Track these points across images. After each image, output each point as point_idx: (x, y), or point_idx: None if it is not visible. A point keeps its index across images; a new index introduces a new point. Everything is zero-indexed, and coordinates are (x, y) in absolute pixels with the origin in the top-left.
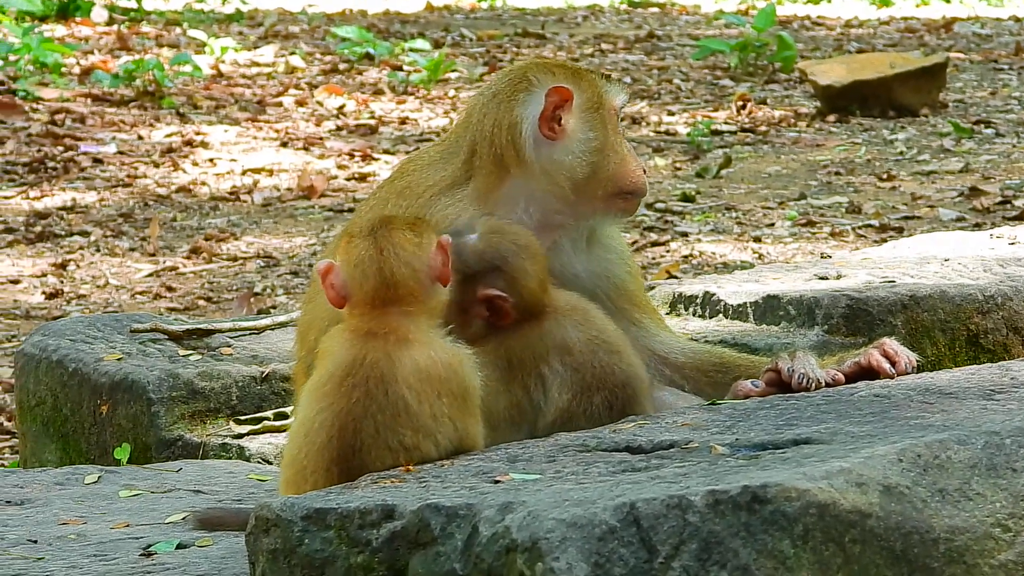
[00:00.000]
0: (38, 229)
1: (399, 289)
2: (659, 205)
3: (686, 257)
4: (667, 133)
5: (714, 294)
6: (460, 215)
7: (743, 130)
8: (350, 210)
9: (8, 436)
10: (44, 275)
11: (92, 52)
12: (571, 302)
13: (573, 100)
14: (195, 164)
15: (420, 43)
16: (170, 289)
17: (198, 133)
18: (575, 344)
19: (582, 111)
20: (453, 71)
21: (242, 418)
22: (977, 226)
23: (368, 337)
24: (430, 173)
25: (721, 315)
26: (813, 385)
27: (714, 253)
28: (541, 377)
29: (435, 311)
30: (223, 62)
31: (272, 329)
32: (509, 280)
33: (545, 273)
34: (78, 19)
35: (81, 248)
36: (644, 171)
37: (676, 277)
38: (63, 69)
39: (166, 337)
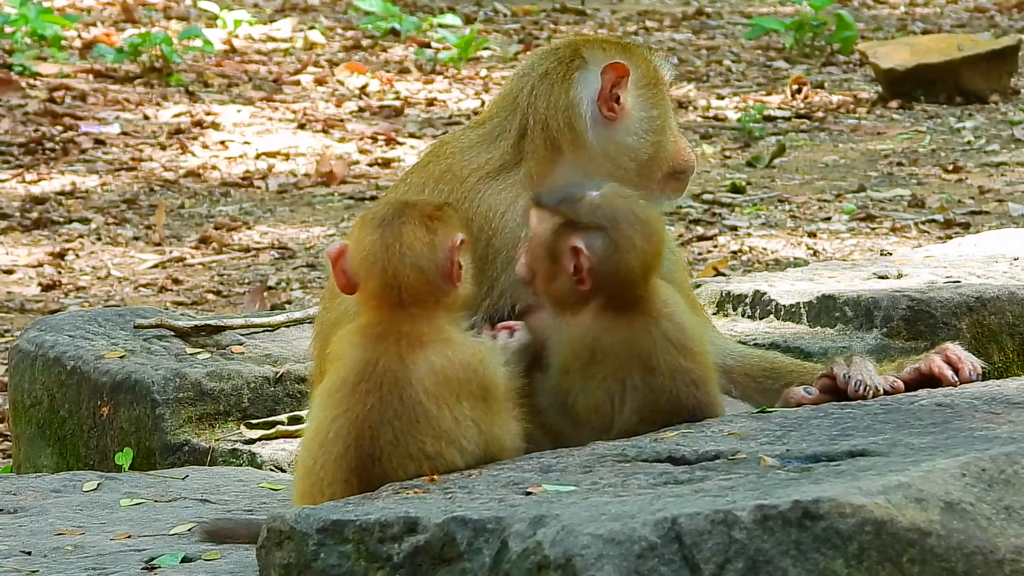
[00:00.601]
0: (34, 215)
1: (404, 292)
2: (706, 196)
3: (735, 253)
4: (716, 118)
5: (765, 293)
6: (514, 202)
7: (798, 116)
8: (372, 198)
9: (0, 439)
10: (41, 265)
11: (95, 24)
12: (670, 310)
13: (629, 77)
14: (205, 147)
15: (450, 18)
16: (177, 282)
17: (209, 113)
18: (659, 366)
19: (639, 88)
20: (485, 49)
21: (254, 422)
22: None
23: (380, 339)
24: (472, 156)
25: (772, 316)
26: (871, 393)
27: (765, 249)
28: (622, 386)
29: (453, 307)
30: (236, 36)
31: (287, 326)
32: (610, 246)
33: (657, 261)
34: None
35: (81, 236)
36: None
37: (724, 274)
38: (63, 42)
39: (172, 334)
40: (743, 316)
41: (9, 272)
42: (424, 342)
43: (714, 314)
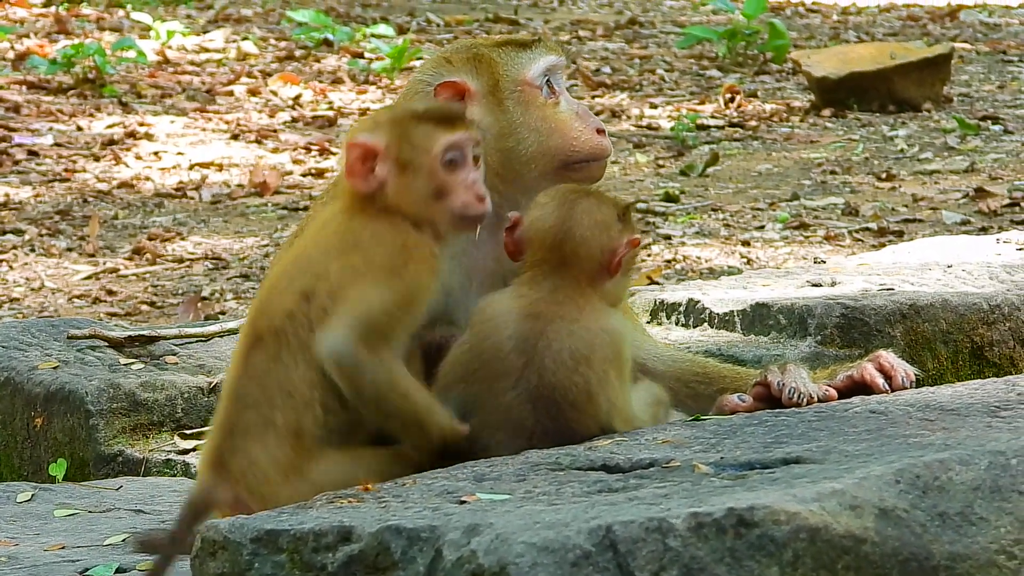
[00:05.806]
0: None
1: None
2: (640, 205)
3: (669, 262)
4: (649, 127)
5: (699, 301)
6: None
7: (731, 125)
8: (305, 208)
9: None
10: None
11: (28, 36)
12: (607, 334)
13: (471, 90)
14: (138, 158)
15: (383, 28)
16: (110, 293)
17: (142, 124)
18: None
19: (482, 97)
20: (418, 59)
21: (188, 432)
22: (983, 230)
23: None
24: None
25: (706, 324)
26: (805, 400)
27: (699, 257)
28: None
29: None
30: (169, 47)
31: (221, 336)
32: (528, 208)
33: (570, 239)
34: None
35: (14, 248)
36: (602, 131)
37: (658, 283)
38: None
39: (106, 344)
40: (677, 324)
41: None
42: None
43: (648, 323)
